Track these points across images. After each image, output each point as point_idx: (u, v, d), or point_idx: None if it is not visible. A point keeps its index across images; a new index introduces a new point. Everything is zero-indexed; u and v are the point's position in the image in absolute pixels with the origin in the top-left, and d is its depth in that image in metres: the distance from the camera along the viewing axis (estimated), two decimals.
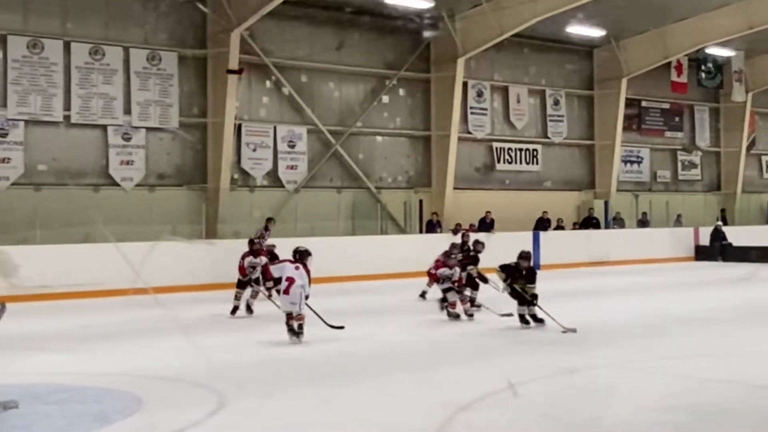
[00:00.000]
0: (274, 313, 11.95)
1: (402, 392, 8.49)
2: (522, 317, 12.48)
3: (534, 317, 12.47)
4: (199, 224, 20.91)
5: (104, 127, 20.29)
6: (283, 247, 14.63)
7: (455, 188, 25.40)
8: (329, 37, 23.75)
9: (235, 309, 14.08)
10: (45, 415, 7.59)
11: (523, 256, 12.73)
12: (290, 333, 11.09)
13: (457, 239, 17.53)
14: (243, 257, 14.43)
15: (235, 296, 14.17)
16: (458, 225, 23.29)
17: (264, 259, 14.47)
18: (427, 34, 25.07)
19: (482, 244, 15.08)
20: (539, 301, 12.47)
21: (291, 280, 11.10)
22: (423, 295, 16.33)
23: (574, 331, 11.75)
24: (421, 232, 24.21)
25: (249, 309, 14.24)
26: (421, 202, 24.84)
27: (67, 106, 19.80)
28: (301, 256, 11.49)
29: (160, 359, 10.33)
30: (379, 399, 8.22)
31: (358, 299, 16.76)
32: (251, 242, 14.83)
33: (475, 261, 14.53)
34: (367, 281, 19.68)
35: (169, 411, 7.68)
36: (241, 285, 14.23)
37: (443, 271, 13.40)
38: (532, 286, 12.46)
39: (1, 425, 7.21)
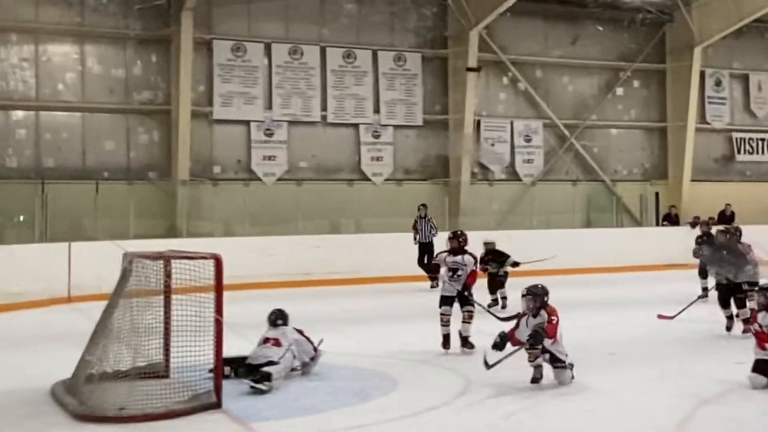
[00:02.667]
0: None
1: (645, 383, 8.44)
2: None
3: None
4: (443, 217, 21.40)
5: (356, 126, 21.26)
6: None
7: (692, 180, 24.39)
8: (563, 32, 23.57)
9: None
10: (311, 389, 8.27)
11: None
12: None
13: (697, 232, 16.77)
14: None
15: None
16: (696, 218, 22.30)
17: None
18: (662, 24, 24.27)
19: None
20: None
21: None
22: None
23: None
24: (657, 225, 23.48)
25: None
26: (657, 194, 24.09)
27: (324, 107, 20.88)
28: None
29: (410, 343, 10.85)
30: (620, 390, 8.24)
31: (598, 291, 16.52)
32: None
33: None
34: (603, 273, 19.35)
35: (422, 391, 8.12)
36: None
37: None
38: None
39: (272, 396, 7.93)
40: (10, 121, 18.51)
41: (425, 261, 17.04)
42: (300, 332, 8.89)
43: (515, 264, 13.98)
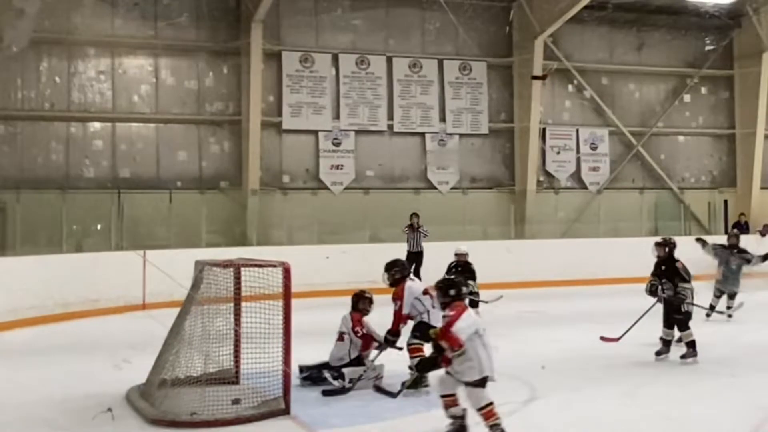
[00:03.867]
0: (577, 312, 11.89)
1: (712, 393, 8.25)
2: None
3: None
4: (508, 225, 21.28)
5: (422, 135, 21.22)
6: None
7: (762, 188, 23.73)
8: (629, 38, 23.19)
9: None
10: (378, 397, 8.24)
11: None
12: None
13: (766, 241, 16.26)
14: None
15: None
16: (766, 226, 21.75)
17: None
18: (729, 29, 23.71)
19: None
20: None
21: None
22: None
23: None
24: (726, 233, 22.85)
25: None
26: (725, 202, 23.50)
27: (390, 116, 20.90)
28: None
29: None
30: (687, 398, 8.07)
31: None
32: None
33: None
34: None
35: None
36: None
37: None
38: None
39: (340, 403, 7.93)
40: (87, 132, 18.92)
41: (416, 271, 16.25)
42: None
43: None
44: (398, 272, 8.80)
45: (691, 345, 9.97)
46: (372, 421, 7.36)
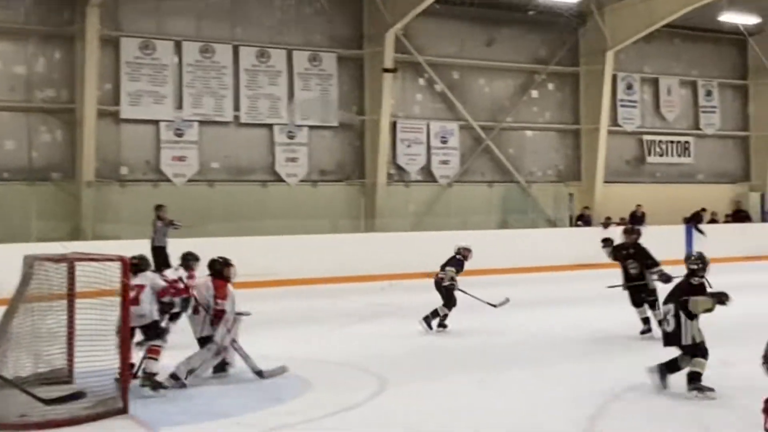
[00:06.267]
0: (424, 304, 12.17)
1: (555, 381, 8.66)
2: None
3: None
4: (358, 218, 21.54)
5: (270, 126, 21.12)
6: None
7: (605, 182, 25.02)
8: (480, 34, 23.85)
9: None
10: (223, 393, 8.23)
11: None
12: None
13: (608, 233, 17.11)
14: None
15: None
16: (608, 219, 22.99)
17: None
18: (575, 28, 24.85)
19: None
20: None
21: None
22: None
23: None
24: (571, 225, 24.03)
25: None
26: (571, 195, 24.65)
27: (237, 107, 20.67)
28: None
29: (327, 345, 10.90)
30: (534, 386, 8.44)
31: (514, 291, 16.75)
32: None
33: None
34: (518, 274, 19.70)
35: (335, 392, 8.15)
36: None
37: None
38: None
39: (182, 401, 7.85)
40: None
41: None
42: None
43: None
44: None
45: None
46: (217, 418, 7.31)
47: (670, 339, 8.06)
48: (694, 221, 24.76)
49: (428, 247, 19.63)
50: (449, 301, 11.89)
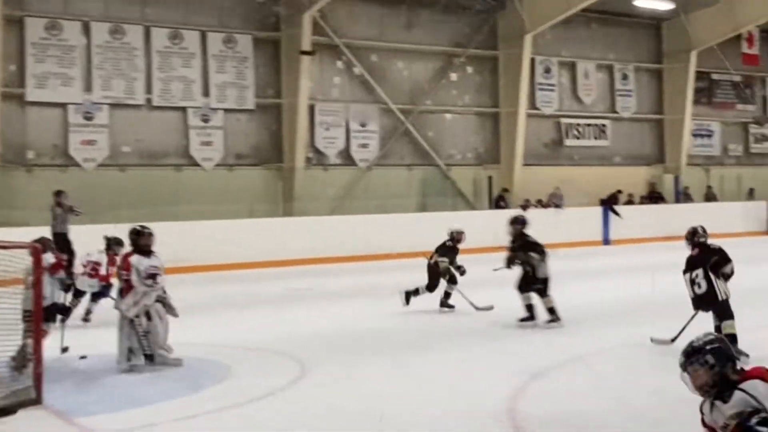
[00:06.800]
0: (349, 288, 12.25)
1: (478, 361, 8.80)
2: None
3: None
4: (276, 203, 21.43)
5: (184, 109, 20.83)
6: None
7: (524, 164, 25.42)
8: (399, 17, 23.92)
9: None
10: (141, 381, 8.11)
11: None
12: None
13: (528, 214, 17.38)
14: None
15: None
16: (527, 201, 23.40)
17: None
18: (494, 11, 25.11)
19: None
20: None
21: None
22: None
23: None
24: (490, 208, 24.36)
25: None
26: (490, 178, 24.94)
27: (149, 90, 20.35)
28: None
29: (246, 331, 10.85)
30: (455, 367, 8.56)
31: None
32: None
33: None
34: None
35: (255, 378, 8.12)
36: None
37: None
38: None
39: (99, 389, 7.73)
40: None
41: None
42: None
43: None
44: None
45: (552, 311, 10.71)
46: (134, 407, 7.20)
47: (703, 300, 8.65)
48: (610, 203, 25.42)
49: (347, 230, 19.84)
50: (432, 286, 12.11)
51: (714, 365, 4.23)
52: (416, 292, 12.10)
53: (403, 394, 7.52)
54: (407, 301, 11.98)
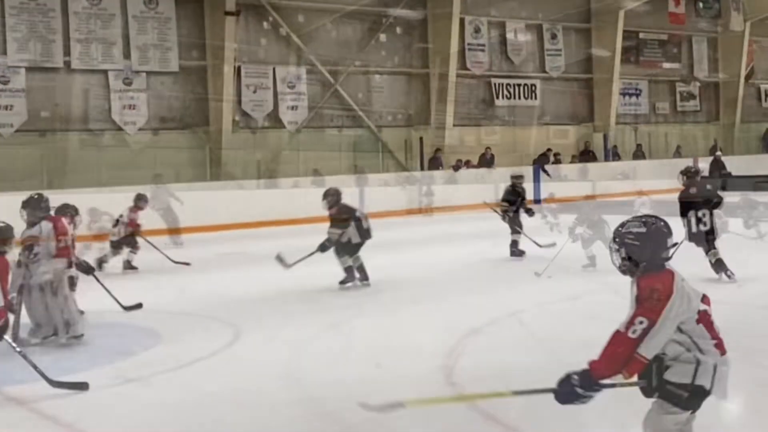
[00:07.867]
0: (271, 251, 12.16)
1: (412, 319, 8.94)
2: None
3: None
4: (203, 167, 21.23)
5: (105, 72, 20.45)
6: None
7: (455, 125, 25.59)
8: None
9: None
10: (71, 350, 8.03)
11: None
12: None
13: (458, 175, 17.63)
14: None
15: None
16: (459, 161, 23.59)
17: None
18: None
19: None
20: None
21: None
22: None
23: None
24: (422, 169, 24.50)
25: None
26: (421, 139, 25.04)
27: (67, 52, 19.92)
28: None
29: (176, 296, 10.80)
30: (389, 326, 8.68)
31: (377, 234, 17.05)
32: None
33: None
34: (375, 219, 19.95)
35: (187, 343, 8.12)
36: None
37: None
38: None
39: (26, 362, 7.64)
40: None
41: None
42: None
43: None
44: None
45: (352, 270, 10.94)
46: (63, 375, 7.10)
47: (704, 236, 10.01)
48: (541, 162, 25.77)
49: (276, 194, 19.77)
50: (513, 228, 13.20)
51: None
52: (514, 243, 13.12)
53: (336, 353, 7.60)
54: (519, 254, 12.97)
